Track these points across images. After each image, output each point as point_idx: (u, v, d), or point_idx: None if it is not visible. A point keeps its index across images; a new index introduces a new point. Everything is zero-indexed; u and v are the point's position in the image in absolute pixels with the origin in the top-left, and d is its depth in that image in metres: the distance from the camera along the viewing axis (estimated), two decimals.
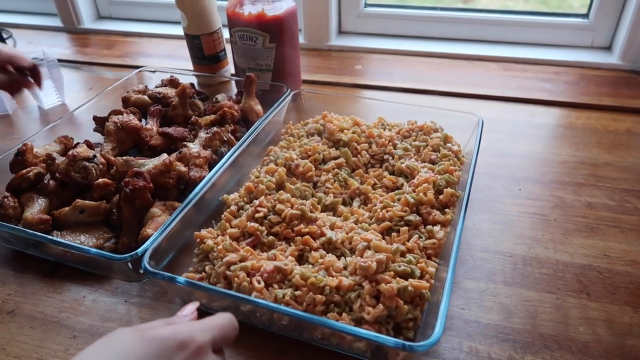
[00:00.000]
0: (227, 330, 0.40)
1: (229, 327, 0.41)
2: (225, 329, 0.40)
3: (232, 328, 0.41)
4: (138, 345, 0.34)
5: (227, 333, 0.40)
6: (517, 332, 0.52)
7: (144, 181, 0.61)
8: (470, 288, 0.57)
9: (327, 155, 0.71)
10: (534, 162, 0.77)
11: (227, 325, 0.40)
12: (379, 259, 0.51)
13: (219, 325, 0.40)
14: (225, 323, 0.40)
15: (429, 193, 0.61)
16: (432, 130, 0.74)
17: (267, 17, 0.85)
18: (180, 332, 0.36)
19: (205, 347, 0.37)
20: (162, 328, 0.36)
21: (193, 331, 0.37)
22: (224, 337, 0.40)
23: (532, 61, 1.06)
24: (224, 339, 0.40)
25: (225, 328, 0.40)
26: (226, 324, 0.40)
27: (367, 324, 0.48)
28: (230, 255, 0.54)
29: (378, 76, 1.04)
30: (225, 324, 0.40)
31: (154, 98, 0.83)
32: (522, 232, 0.64)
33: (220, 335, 0.39)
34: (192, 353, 0.36)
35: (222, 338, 0.39)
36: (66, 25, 1.35)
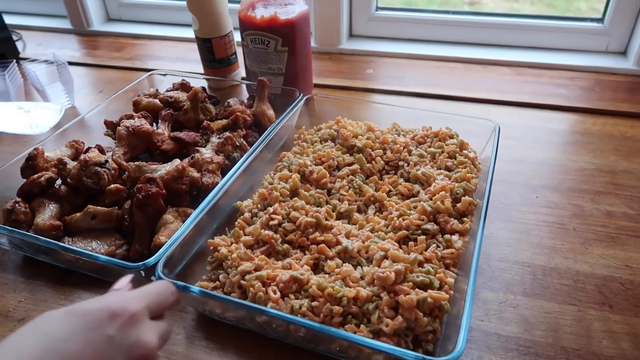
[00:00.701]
0: (162, 296, 0.40)
1: (165, 292, 0.40)
2: (160, 295, 0.39)
3: (168, 293, 0.40)
4: (67, 323, 0.33)
5: (163, 299, 0.40)
6: (539, 346, 0.51)
7: (156, 187, 0.61)
8: (489, 299, 0.56)
9: (341, 162, 0.70)
10: (551, 169, 0.76)
11: (161, 291, 0.40)
12: (398, 270, 0.50)
13: (153, 292, 0.39)
14: (160, 289, 0.40)
15: (447, 201, 0.60)
16: (447, 136, 0.73)
17: (280, 20, 0.85)
18: (111, 302, 0.35)
19: (139, 314, 0.36)
20: (92, 302, 0.36)
21: (125, 300, 0.36)
22: (160, 303, 0.39)
23: (546, 66, 1.04)
24: (161, 304, 0.39)
25: (160, 294, 0.40)
26: (161, 290, 0.40)
27: (385, 336, 0.47)
28: (245, 264, 0.53)
29: (390, 80, 1.03)
30: (159, 291, 0.40)
31: (165, 102, 0.82)
32: (540, 241, 0.63)
33: (156, 301, 0.39)
34: (125, 321, 0.35)
35: (157, 304, 0.39)
36: (75, 28, 1.34)
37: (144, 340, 0.35)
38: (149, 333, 0.36)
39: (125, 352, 0.34)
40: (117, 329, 0.34)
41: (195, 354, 0.51)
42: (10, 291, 0.59)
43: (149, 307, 0.37)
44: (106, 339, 0.33)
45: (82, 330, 0.33)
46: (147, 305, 0.37)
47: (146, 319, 0.37)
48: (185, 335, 0.53)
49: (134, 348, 0.35)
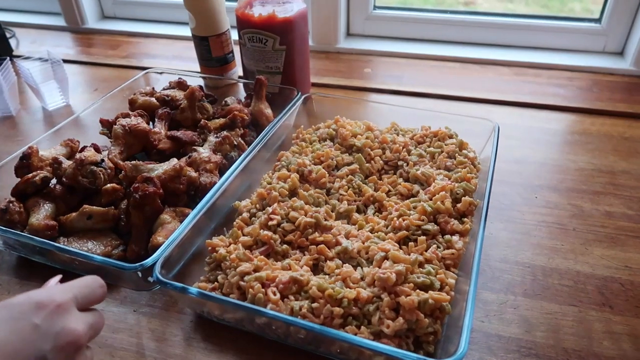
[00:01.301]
0: (89, 288, 0.40)
1: (92, 285, 0.41)
2: (87, 288, 0.40)
3: (96, 286, 0.41)
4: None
5: (90, 291, 0.40)
6: (540, 347, 0.50)
7: (154, 187, 0.60)
8: (490, 300, 0.56)
9: (340, 161, 0.69)
10: (550, 169, 0.75)
11: (89, 284, 0.40)
12: (398, 271, 0.50)
13: (80, 285, 0.40)
14: (88, 282, 0.40)
15: (447, 201, 0.59)
16: (446, 136, 0.73)
17: (278, 19, 0.84)
18: (36, 294, 0.36)
19: (65, 304, 0.36)
20: (18, 296, 0.36)
21: (50, 291, 0.37)
22: (88, 295, 0.40)
23: (545, 66, 1.04)
24: (88, 296, 0.40)
25: (87, 287, 0.40)
26: (88, 283, 0.40)
27: (386, 338, 0.47)
28: (244, 264, 0.53)
29: (388, 79, 1.02)
30: (87, 283, 0.40)
31: (162, 100, 0.81)
32: (540, 241, 0.63)
33: (83, 293, 0.39)
34: (51, 310, 0.35)
35: (84, 296, 0.39)
36: (70, 25, 1.33)
37: (70, 328, 0.36)
38: (76, 321, 0.37)
39: (52, 340, 0.35)
40: (43, 317, 0.35)
41: (193, 356, 0.51)
42: (4, 292, 0.58)
43: (76, 298, 0.38)
44: (32, 327, 0.34)
45: (8, 320, 0.34)
46: (73, 296, 0.38)
47: (73, 309, 0.37)
48: (183, 336, 0.53)
49: (60, 335, 0.35)
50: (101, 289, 0.41)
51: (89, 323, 0.38)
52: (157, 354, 0.51)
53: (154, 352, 0.51)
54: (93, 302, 0.40)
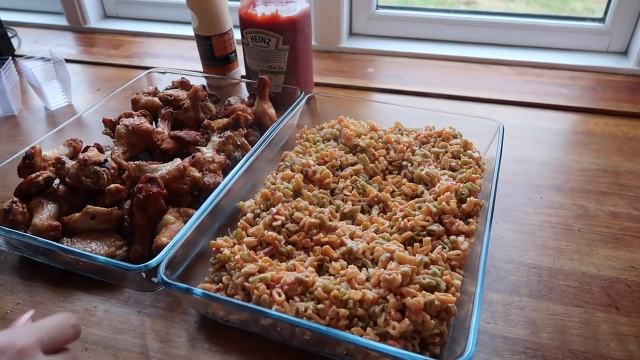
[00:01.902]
0: (59, 329, 0.38)
1: (62, 325, 0.38)
2: (56, 329, 0.38)
3: (67, 325, 0.39)
4: None
5: (59, 332, 0.38)
6: (546, 348, 0.50)
7: (157, 187, 0.60)
8: (495, 301, 0.56)
9: (344, 162, 0.69)
10: (554, 170, 0.75)
11: (59, 324, 0.38)
12: (404, 272, 0.49)
13: (48, 326, 0.37)
14: (58, 322, 0.38)
15: (452, 202, 0.59)
16: (451, 136, 0.72)
17: (281, 18, 0.84)
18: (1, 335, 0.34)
19: (27, 349, 0.35)
20: None
21: (12, 335, 0.35)
22: (57, 337, 0.37)
23: (548, 65, 1.04)
24: (57, 338, 0.38)
25: (57, 327, 0.38)
26: (57, 324, 0.38)
27: (392, 339, 0.47)
28: (248, 265, 0.52)
29: (390, 79, 1.02)
30: (57, 323, 0.38)
31: (164, 100, 0.81)
32: (545, 242, 0.63)
33: (51, 334, 0.37)
34: (11, 357, 0.33)
35: (53, 338, 0.37)
36: (72, 25, 1.33)
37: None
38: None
39: None
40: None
41: (197, 357, 0.50)
42: (7, 293, 0.58)
43: (42, 341, 0.36)
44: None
45: None
46: (39, 339, 0.36)
47: (37, 353, 0.35)
48: (187, 338, 0.52)
49: None
50: (72, 329, 0.39)
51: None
52: (162, 355, 0.51)
53: (158, 353, 0.51)
54: (63, 343, 0.38)
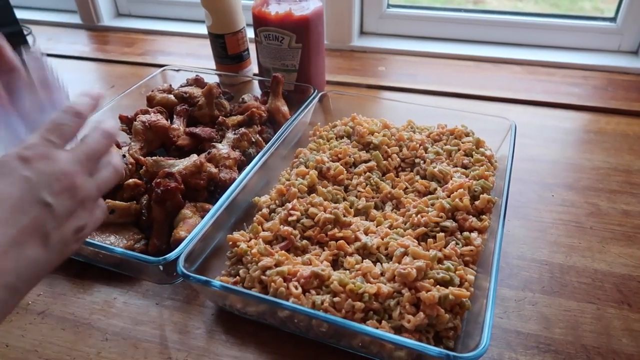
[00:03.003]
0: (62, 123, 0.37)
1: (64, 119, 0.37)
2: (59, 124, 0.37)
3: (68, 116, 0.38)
4: None
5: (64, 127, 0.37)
6: (559, 343, 0.51)
7: (175, 182, 0.61)
8: (508, 296, 0.56)
9: (357, 158, 0.70)
10: (566, 168, 0.76)
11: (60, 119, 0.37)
12: (419, 266, 0.50)
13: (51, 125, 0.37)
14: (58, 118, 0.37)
15: (465, 199, 0.60)
16: (463, 134, 0.73)
17: (295, 17, 0.84)
18: (16, 149, 0.35)
19: (44, 152, 0.35)
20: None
21: (27, 143, 0.35)
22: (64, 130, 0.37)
23: (558, 65, 1.04)
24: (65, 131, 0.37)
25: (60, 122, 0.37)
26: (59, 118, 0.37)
27: (407, 333, 0.47)
28: (265, 259, 0.53)
29: (402, 78, 1.03)
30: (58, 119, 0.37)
31: (180, 97, 0.82)
32: (557, 239, 0.63)
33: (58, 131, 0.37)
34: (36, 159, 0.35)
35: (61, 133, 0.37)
36: (86, 23, 1.34)
37: (57, 172, 0.35)
38: (61, 163, 0.36)
39: (47, 187, 0.34)
40: (30, 169, 0.34)
41: (215, 348, 0.51)
42: None
43: (53, 142, 0.36)
44: (24, 180, 0.34)
45: None
46: (50, 142, 0.36)
47: (54, 152, 0.36)
48: (205, 329, 0.54)
49: (52, 182, 0.35)
50: (75, 119, 0.38)
51: (76, 158, 0.37)
52: (180, 345, 0.52)
53: (177, 344, 0.52)
54: (71, 135, 0.38)
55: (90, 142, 0.39)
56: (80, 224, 0.37)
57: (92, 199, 0.38)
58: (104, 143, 0.40)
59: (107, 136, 0.40)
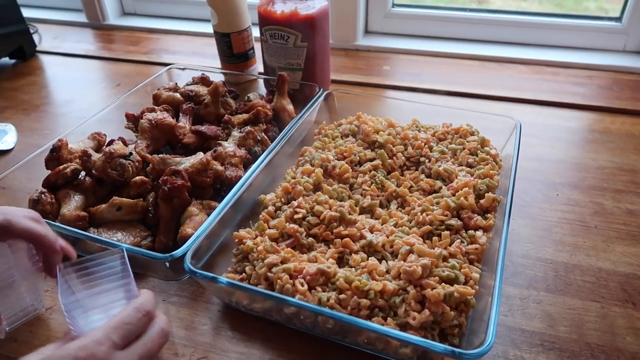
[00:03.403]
0: (130, 324, 0.38)
1: (133, 318, 0.39)
2: (127, 325, 0.38)
3: (137, 317, 0.39)
4: None
5: (131, 327, 0.38)
6: (563, 341, 0.51)
7: (182, 179, 0.61)
8: (512, 294, 0.56)
9: (362, 157, 0.70)
10: (571, 167, 0.76)
11: (129, 318, 0.39)
12: (424, 264, 0.50)
13: (118, 324, 0.38)
14: (128, 316, 0.39)
15: (470, 197, 0.60)
16: (468, 133, 0.73)
17: (300, 15, 0.85)
18: (75, 350, 0.35)
19: (105, 356, 0.36)
20: (57, 352, 0.36)
21: (87, 346, 0.36)
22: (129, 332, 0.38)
23: (564, 64, 1.04)
24: (130, 332, 0.38)
25: (127, 323, 0.38)
26: (129, 317, 0.39)
27: (412, 330, 0.48)
28: (271, 256, 0.54)
29: (407, 77, 1.03)
30: (126, 319, 0.38)
31: (186, 96, 0.82)
32: (562, 238, 0.63)
33: (124, 332, 0.37)
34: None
35: (125, 335, 0.38)
36: (91, 21, 1.35)
37: None
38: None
39: None
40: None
41: (222, 345, 0.52)
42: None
43: (115, 343, 0.37)
44: None
45: None
46: (112, 343, 0.37)
47: (112, 356, 0.36)
48: (211, 326, 0.54)
49: None
50: (144, 318, 0.39)
51: (140, 354, 0.38)
52: (187, 341, 0.52)
53: (183, 339, 0.53)
54: (137, 334, 0.39)
55: (147, 342, 0.39)
56: None
57: None
58: (158, 343, 0.40)
59: (163, 336, 0.40)
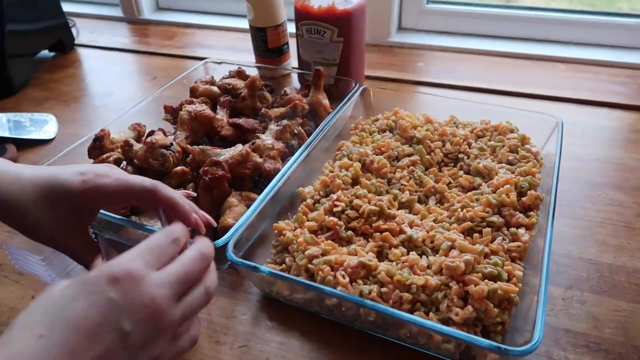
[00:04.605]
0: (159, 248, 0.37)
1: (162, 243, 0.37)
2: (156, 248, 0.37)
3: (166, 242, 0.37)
4: (68, 292, 0.32)
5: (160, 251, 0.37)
6: (609, 343, 0.50)
7: (222, 170, 0.62)
8: (555, 294, 0.55)
9: (400, 152, 0.70)
10: (613, 168, 0.74)
11: (158, 243, 0.37)
12: (467, 260, 0.50)
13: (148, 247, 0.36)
14: (157, 241, 0.37)
15: (512, 195, 0.59)
16: (507, 130, 0.72)
17: (338, 10, 0.85)
18: (109, 267, 0.34)
19: (137, 274, 0.34)
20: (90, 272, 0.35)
21: (121, 263, 0.34)
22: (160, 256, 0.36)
23: (604, 63, 1.02)
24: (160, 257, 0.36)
25: (157, 247, 0.37)
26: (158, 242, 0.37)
27: (454, 325, 0.47)
28: (312, 248, 0.54)
29: (441, 74, 1.02)
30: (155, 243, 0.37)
31: (223, 89, 0.83)
32: (605, 239, 0.62)
33: (153, 255, 0.36)
34: (125, 283, 0.33)
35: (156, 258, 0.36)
36: (127, 16, 1.37)
37: (146, 299, 0.33)
38: (152, 289, 0.34)
39: (131, 313, 0.33)
40: (117, 291, 0.33)
41: (261, 334, 0.52)
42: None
43: (147, 262, 0.35)
44: (109, 302, 0.32)
45: (86, 295, 0.32)
46: (144, 262, 0.35)
47: (147, 275, 0.34)
48: (250, 315, 0.54)
49: (138, 308, 0.33)
50: (173, 245, 0.38)
51: (167, 281, 0.35)
52: (227, 330, 0.53)
53: (224, 328, 0.53)
54: (167, 260, 0.37)
55: (185, 263, 0.37)
56: (154, 353, 0.34)
57: (174, 326, 0.35)
58: (198, 267, 0.38)
59: (203, 259, 0.38)
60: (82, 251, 0.47)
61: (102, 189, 0.44)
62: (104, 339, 0.31)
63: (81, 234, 0.47)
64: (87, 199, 0.44)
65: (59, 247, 0.47)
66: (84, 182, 0.44)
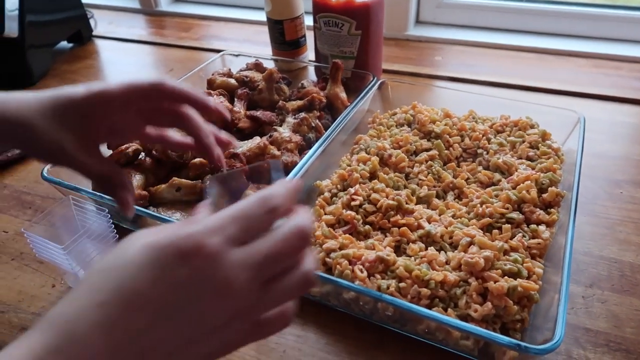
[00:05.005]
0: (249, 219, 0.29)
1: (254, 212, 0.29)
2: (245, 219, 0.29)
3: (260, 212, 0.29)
4: (138, 257, 0.27)
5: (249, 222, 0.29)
6: (630, 343, 0.49)
7: (240, 162, 0.62)
8: (575, 292, 0.55)
9: (418, 147, 0.69)
10: (635, 165, 0.73)
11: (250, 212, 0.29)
12: (487, 256, 0.50)
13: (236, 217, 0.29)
14: (248, 209, 0.29)
15: (532, 191, 0.58)
16: (528, 125, 0.71)
17: (356, 3, 0.84)
18: (182, 240, 0.27)
19: (216, 253, 0.27)
20: (165, 231, 0.28)
21: (197, 235, 0.28)
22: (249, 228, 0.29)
23: (626, 58, 1.00)
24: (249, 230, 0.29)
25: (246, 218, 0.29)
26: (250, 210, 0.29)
27: (473, 322, 0.47)
28: (329, 242, 0.54)
29: (459, 68, 1.01)
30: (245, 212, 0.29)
31: (241, 81, 0.83)
32: (627, 237, 0.61)
33: (242, 227, 0.29)
34: (200, 263, 0.27)
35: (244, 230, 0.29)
36: (144, 8, 1.38)
37: (224, 283, 0.27)
38: (233, 272, 0.28)
39: (202, 299, 0.27)
40: (189, 272, 0.27)
41: None
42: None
43: (230, 239, 0.28)
44: (175, 284, 0.27)
45: (149, 268, 0.27)
46: (226, 238, 0.28)
47: (228, 254, 0.28)
48: None
49: (209, 292, 0.27)
50: (267, 216, 0.29)
51: (251, 264, 0.28)
52: None
53: None
54: (256, 234, 0.29)
55: (278, 240, 0.29)
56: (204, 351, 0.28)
57: (254, 314, 0.29)
58: (295, 246, 0.30)
59: (301, 237, 0.30)
60: (93, 167, 0.44)
61: (106, 93, 0.42)
62: (157, 327, 0.26)
63: (91, 149, 0.44)
64: (91, 105, 0.42)
65: (69, 162, 0.44)
66: (88, 90, 0.42)
